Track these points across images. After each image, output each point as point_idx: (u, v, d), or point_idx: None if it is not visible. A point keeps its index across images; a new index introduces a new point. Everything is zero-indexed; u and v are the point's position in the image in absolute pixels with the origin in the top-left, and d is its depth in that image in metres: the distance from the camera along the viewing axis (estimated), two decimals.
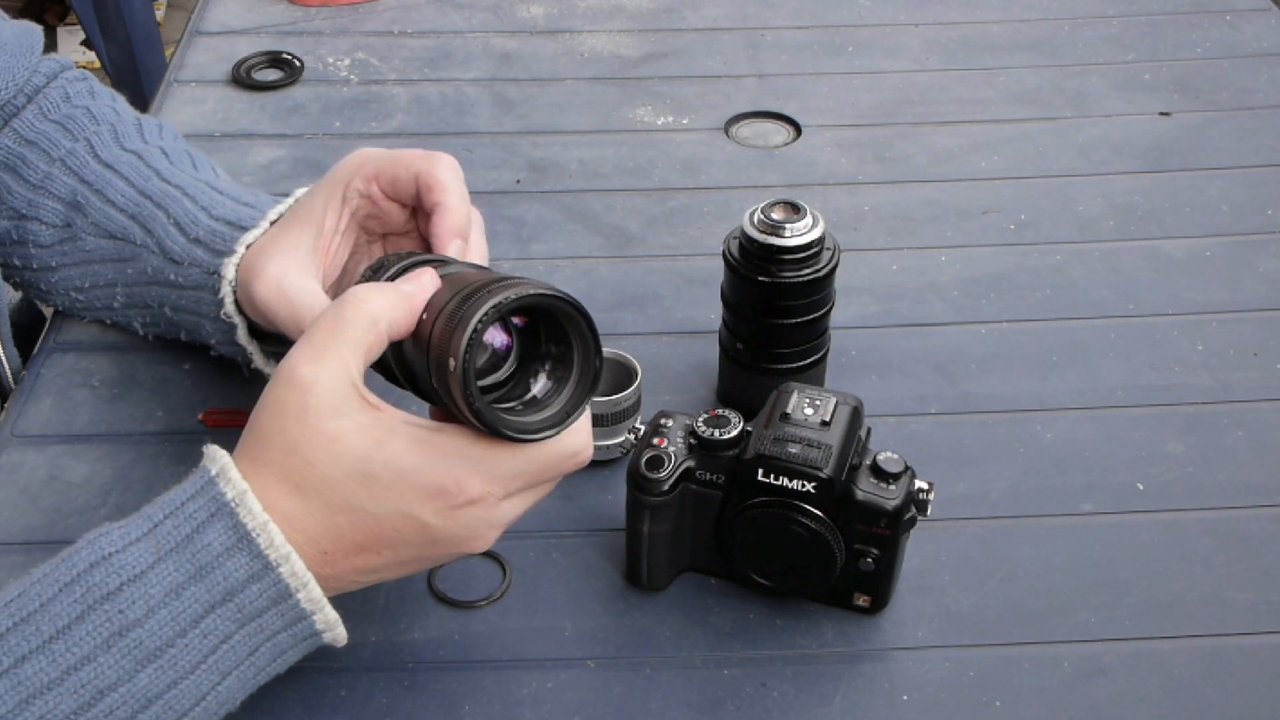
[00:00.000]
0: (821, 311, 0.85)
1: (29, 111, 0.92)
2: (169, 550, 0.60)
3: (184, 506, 0.61)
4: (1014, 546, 0.81)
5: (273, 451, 0.61)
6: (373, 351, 0.63)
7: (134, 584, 0.59)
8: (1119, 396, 0.92)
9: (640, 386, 0.85)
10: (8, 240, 0.91)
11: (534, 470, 0.64)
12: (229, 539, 0.60)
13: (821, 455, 0.71)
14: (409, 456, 0.61)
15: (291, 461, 0.61)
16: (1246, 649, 0.76)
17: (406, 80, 1.27)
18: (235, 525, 0.60)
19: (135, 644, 0.59)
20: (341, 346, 0.62)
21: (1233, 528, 0.83)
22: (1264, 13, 1.38)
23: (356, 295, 0.63)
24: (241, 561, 0.60)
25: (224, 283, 0.80)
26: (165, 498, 0.62)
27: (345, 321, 0.62)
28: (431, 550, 0.64)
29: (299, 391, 0.61)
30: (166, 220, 0.85)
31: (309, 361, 0.61)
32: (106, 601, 0.59)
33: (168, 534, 0.60)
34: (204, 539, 0.60)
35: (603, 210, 1.10)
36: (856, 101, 1.25)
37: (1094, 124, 1.21)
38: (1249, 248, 1.06)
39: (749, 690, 0.73)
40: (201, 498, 0.61)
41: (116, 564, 0.59)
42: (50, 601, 0.59)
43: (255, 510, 0.60)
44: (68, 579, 0.59)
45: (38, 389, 0.92)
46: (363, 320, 0.62)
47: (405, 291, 0.64)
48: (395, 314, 0.63)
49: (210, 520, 0.60)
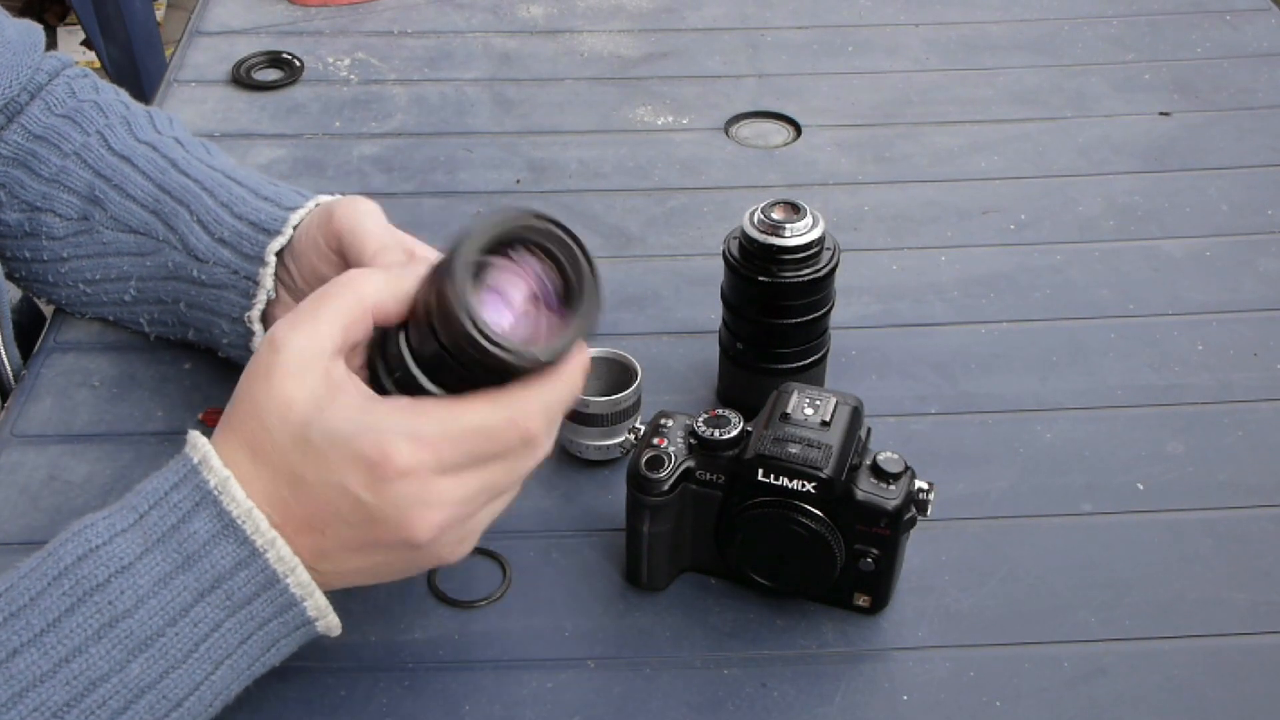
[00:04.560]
0: (821, 311, 0.85)
1: (35, 107, 0.92)
2: (156, 540, 0.60)
3: (168, 496, 0.61)
4: (1014, 546, 0.81)
5: (238, 414, 0.62)
6: (354, 327, 0.62)
7: (123, 575, 0.59)
8: (1119, 396, 0.92)
9: (640, 386, 0.85)
10: (19, 233, 0.91)
11: (466, 436, 0.60)
12: (214, 526, 0.60)
13: (821, 455, 0.71)
14: (344, 423, 0.60)
15: (250, 425, 0.61)
16: (1246, 649, 0.76)
17: (406, 80, 1.27)
18: (220, 513, 0.60)
19: (126, 634, 0.59)
20: (319, 315, 0.62)
21: (1233, 528, 0.83)
22: (1264, 13, 1.38)
23: (348, 273, 0.64)
24: (228, 549, 0.60)
25: (261, 290, 0.81)
26: (147, 486, 0.62)
27: (329, 295, 0.63)
28: (373, 533, 0.61)
29: (269, 352, 0.61)
30: (189, 217, 0.85)
31: (286, 327, 0.62)
32: (96, 593, 0.59)
33: (154, 524, 0.60)
34: (190, 528, 0.60)
35: (603, 210, 1.10)
36: (856, 101, 1.25)
37: (1094, 124, 1.21)
38: (1249, 248, 1.06)
39: (749, 690, 0.73)
40: (185, 486, 0.61)
41: (104, 555, 0.60)
42: (40, 595, 0.59)
43: (239, 497, 0.60)
44: (56, 572, 0.60)
45: (38, 389, 0.92)
46: (348, 295, 0.62)
47: (395, 273, 0.64)
48: (382, 293, 0.63)
49: (195, 509, 0.60)
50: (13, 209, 0.91)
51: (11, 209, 0.91)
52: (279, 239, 0.81)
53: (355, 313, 0.62)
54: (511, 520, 0.83)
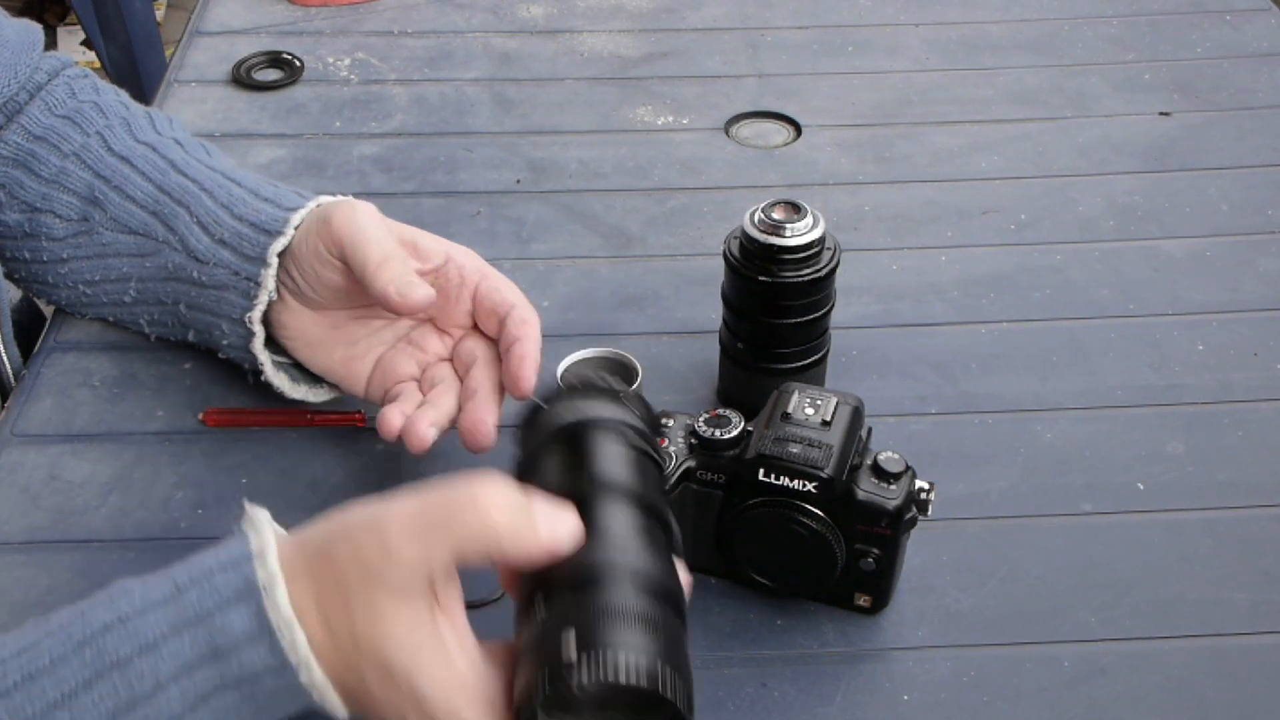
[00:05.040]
0: (822, 311, 0.85)
1: (34, 108, 0.92)
2: (187, 622, 0.57)
3: (212, 577, 0.58)
4: (1014, 546, 0.81)
5: (326, 578, 0.58)
6: (468, 562, 0.58)
7: (146, 654, 0.57)
8: (1119, 396, 0.92)
9: (640, 386, 0.85)
10: (19, 234, 0.91)
11: None
12: (250, 626, 0.57)
13: (822, 455, 0.71)
14: (430, 684, 0.58)
15: (334, 601, 0.58)
16: (1246, 649, 0.76)
17: (406, 80, 1.27)
18: (259, 613, 0.57)
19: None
20: (438, 540, 0.57)
21: (1233, 528, 0.83)
22: (1264, 13, 1.38)
23: (487, 496, 0.58)
24: (260, 653, 0.57)
25: (262, 291, 0.81)
26: (196, 561, 0.60)
27: (458, 520, 0.58)
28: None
29: (379, 553, 0.57)
30: (189, 218, 0.85)
31: (407, 535, 0.57)
32: (116, 670, 0.57)
33: (190, 604, 0.58)
34: (225, 618, 0.57)
35: (603, 210, 1.10)
36: (856, 101, 1.25)
37: (1094, 124, 1.21)
38: (1249, 248, 1.06)
39: (749, 690, 0.73)
40: (232, 573, 0.58)
41: (132, 628, 0.57)
42: (60, 661, 0.57)
43: (282, 605, 0.57)
44: (81, 637, 0.57)
45: (38, 388, 0.92)
46: (474, 529, 0.58)
47: (540, 536, 0.58)
48: (511, 549, 0.58)
49: (236, 600, 0.57)
50: (12, 210, 0.91)
51: (11, 210, 0.91)
52: (280, 240, 0.81)
53: (473, 551, 0.58)
54: None
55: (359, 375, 0.84)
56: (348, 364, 0.84)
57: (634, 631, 0.55)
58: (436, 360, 0.84)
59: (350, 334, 0.84)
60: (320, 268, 0.80)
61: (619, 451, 0.63)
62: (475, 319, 0.82)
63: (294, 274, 0.81)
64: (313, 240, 0.80)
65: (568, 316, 0.99)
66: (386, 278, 0.77)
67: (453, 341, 0.84)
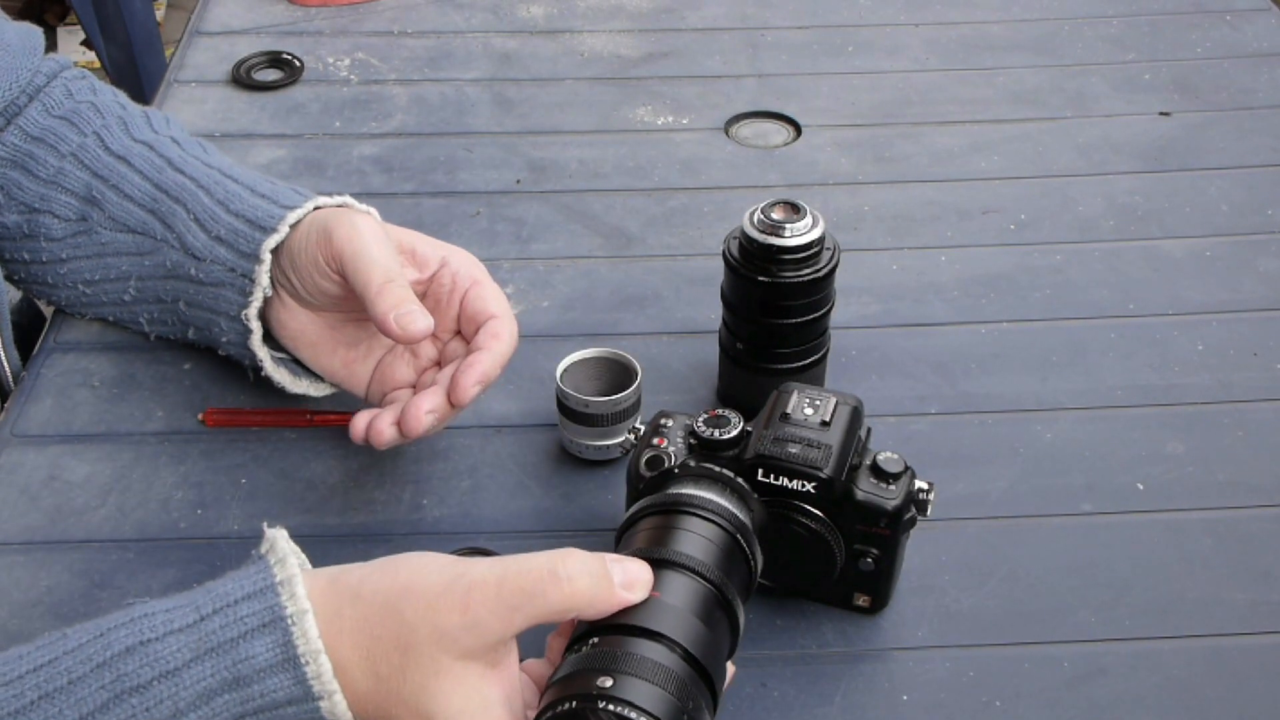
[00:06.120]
0: (821, 311, 0.85)
1: (33, 109, 0.93)
2: (209, 650, 0.57)
3: (236, 606, 0.58)
4: (1014, 546, 0.81)
5: (387, 634, 0.58)
6: (545, 623, 0.60)
7: (166, 680, 0.57)
8: (1119, 396, 0.92)
9: (640, 386, 0.85)
10: (18, 234, 0.91)
11: None
12: (275, 656, 0.57)
13: (821, 455, 0.71)
14: None
15: (392, 655, 0.58)
16: (1246, 649, 0.76)
17: (406, 80, 1.27)
18: (286, 643, 0.57)
19: None
20: (521, 614, 0.59)
21: (1233, 528, 0.83)
22: (1264, 13, 1.38)
23: (568, 568, 0.59)
24: (283, 682, 0.57)
25: (257, 288, 0.81)
26: (218, 586, 0.59)
27: (541, 594, 0.59)
28: None
29: (459, 620, 0.58)
30: (187, 216, 0.85)
31: (490, 606, 0.58)
32: (135, 694, 0.57)
33: (212, 632, 0.58)
34: (249, 648, 0.57)
35: (603, 210, 1.10)
36: (856, 101, 1.25)
37: (1094, 124, 1.21)
38: (1249, 248, 1.06)
39: (749, 690, 0.73)
40: (257, 602, 0.58)
41: (153, 653, 0.57)
42: (78, 681, 0.57)
43: (311, 636, 0.57)
44: (101, 659, 0.57)
45: (38, 389, 0.92)
46: (557, 604, 0.59)
47: (617, 592, 0.60)
48: (590, 612, 0.60)
49: (261, 630, 0.58)
50: (11, 211, 0.91)
51: (10, 211, 0.91)
52: (274, 236, 0.81)
53: (552, 618, 0.60)
54: (511, 520, 0.83)
55: (360, 377, 0.84)
56: (349, 365, 0.84)
57: (663, 688, 0.58)
58: (430, 365, 0.84)
59: (349, 335, 0.84)
60: (319, 278, 0.80)
61: (720, 539, 0.68)
62: (459, 324, 0.83)
63: (292, 277, 0.81)
64: (312, 250, 0.80)
65: (568, 316, 0.99)
66: (387, 305, 0.76)
67: (442, 345, 0.84)
